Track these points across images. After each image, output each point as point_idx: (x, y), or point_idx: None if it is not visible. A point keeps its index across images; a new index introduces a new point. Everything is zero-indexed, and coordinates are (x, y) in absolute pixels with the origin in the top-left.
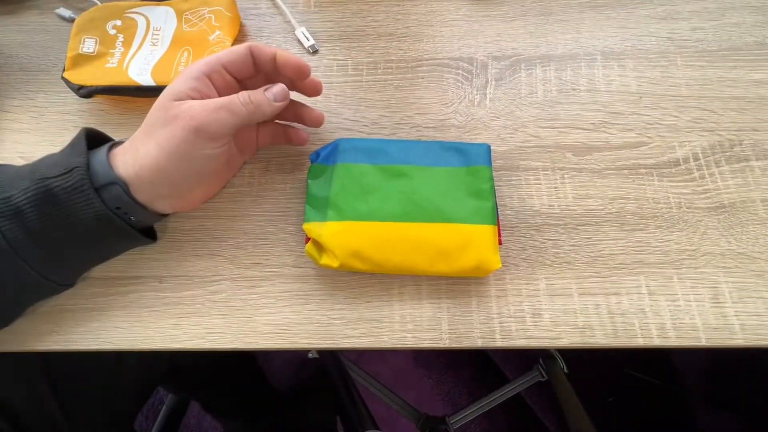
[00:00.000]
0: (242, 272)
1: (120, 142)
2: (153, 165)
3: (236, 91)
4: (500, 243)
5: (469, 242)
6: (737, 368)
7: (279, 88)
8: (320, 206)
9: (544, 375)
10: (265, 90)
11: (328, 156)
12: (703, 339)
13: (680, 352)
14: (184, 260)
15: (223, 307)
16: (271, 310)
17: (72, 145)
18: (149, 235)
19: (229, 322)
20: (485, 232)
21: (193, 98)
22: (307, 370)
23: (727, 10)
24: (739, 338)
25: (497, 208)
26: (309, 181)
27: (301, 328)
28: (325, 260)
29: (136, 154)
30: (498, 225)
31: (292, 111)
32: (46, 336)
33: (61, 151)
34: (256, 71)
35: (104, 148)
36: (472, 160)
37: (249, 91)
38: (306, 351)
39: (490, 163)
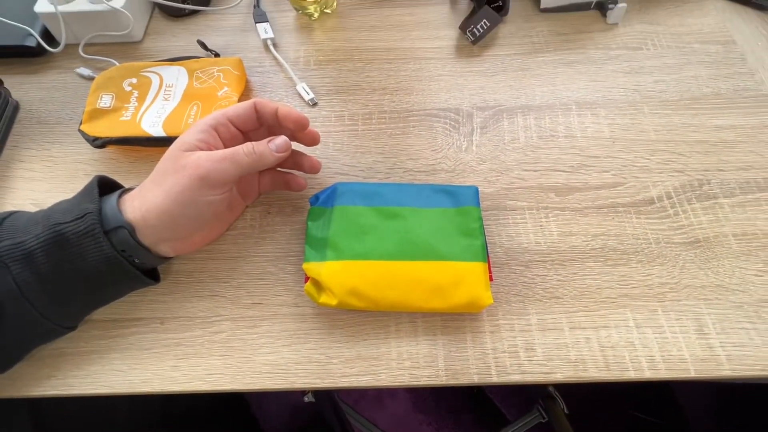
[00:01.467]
0: (242, 312)
1: (131, 189)
2: (158, 209)
3: (241, 143)
4: (491, 279)
5: (461, 279)
6: (742, 403)
7: (281, 140)
8: (319, 246)
9: (545, 416)
10: (269, 141)
11: (326, 199)
12: (692, 370)
13: (683, 389)
14: (186, 301)
15: (222, 348)
16: (270, 349)
17: (84, 192)
18: (153, 276)
19: (228, 363)
20: (476, 269)
21: (200, 149)
22: (302, 415)
23: (684, 65)
24: (726, 369)
25: (487, 246)
26: (308, 223)
27: (300, 368)
28: (324, 299)
29: (144, 199)
30: (488, 262)
31: (292, 159)
32: (44, 381)
33: (74, 198)
34: (259, 124)
35: (115, 194)
36: (462, 201)
37: (253, 143)
38: (302, 393)
39: (478, 203)
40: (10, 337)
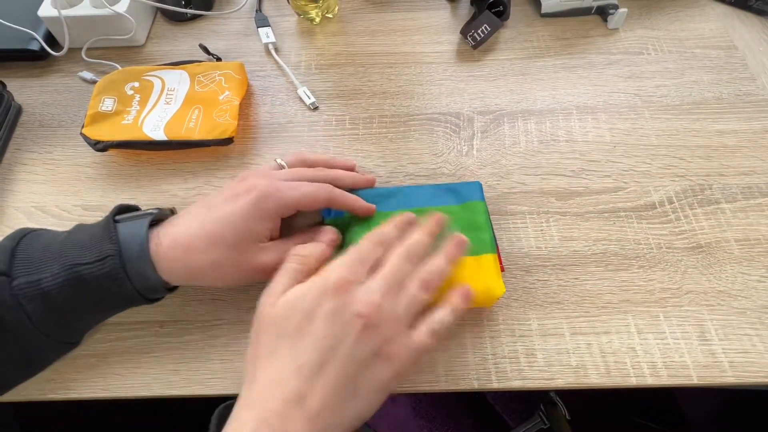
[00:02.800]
0: (243, 316)
1: (158, 217)
2: (192, 269)
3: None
4: (502, 270)
5: (473, 274)
6: (744, 410)
7: (329, 236)
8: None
9: (546, 422)
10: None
11: (338, 211)
12: (694, 377)
13: (686, 395)
14: (186, 305)
15: (222, 352)
16: None
17: (102, 228)
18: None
19: (228, 366)
20: (487, 261)
21: (266, 239)
22: None
23: (685, 69)
24: (729, 376)
25: (495, 238)
26: None
27: None
28: None
29: (183, 260)
30: (498, 253)
31: None
32: (43, 384)
33: (92, 233)
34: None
35: (143, 229)
36: (466, 197)
37: (306, 248)
38: None
39: (482, 197)
40: (28, 362)
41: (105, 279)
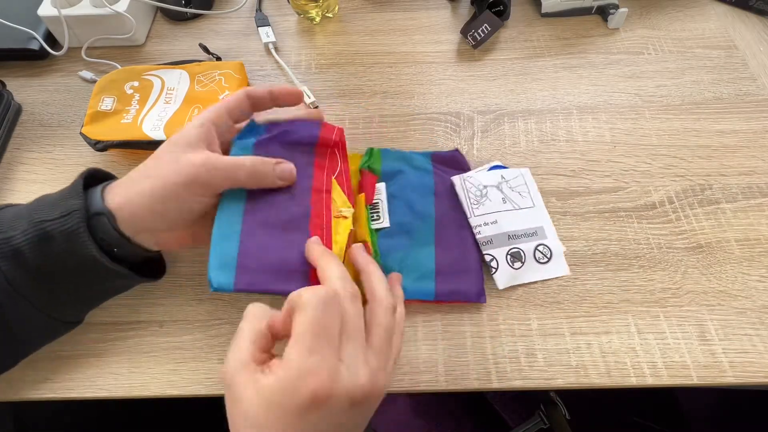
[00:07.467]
0: (241, 315)
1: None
2: (141, 198)
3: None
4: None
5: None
6: (748, 411)
7: (288, 167)
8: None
9: (546, 422)
10: (276, 164)
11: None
12: (694, 377)
13: (688, 396)
14: (185, 304)
15: (222, 351)
16: None
17: (71, 186)
18: (148, 273)
19: None
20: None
21: (200, 147)
22: None
23: (685, 69)
24: (729, 376)
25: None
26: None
27: None
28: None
29: (128, 187)
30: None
31: None
32: (41, 384)
33: (61, 191)
34: (254, 111)
35: (102, 184)
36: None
37: (257, 161)
38: None
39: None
40: (12, 332)
41: (70, 235)
